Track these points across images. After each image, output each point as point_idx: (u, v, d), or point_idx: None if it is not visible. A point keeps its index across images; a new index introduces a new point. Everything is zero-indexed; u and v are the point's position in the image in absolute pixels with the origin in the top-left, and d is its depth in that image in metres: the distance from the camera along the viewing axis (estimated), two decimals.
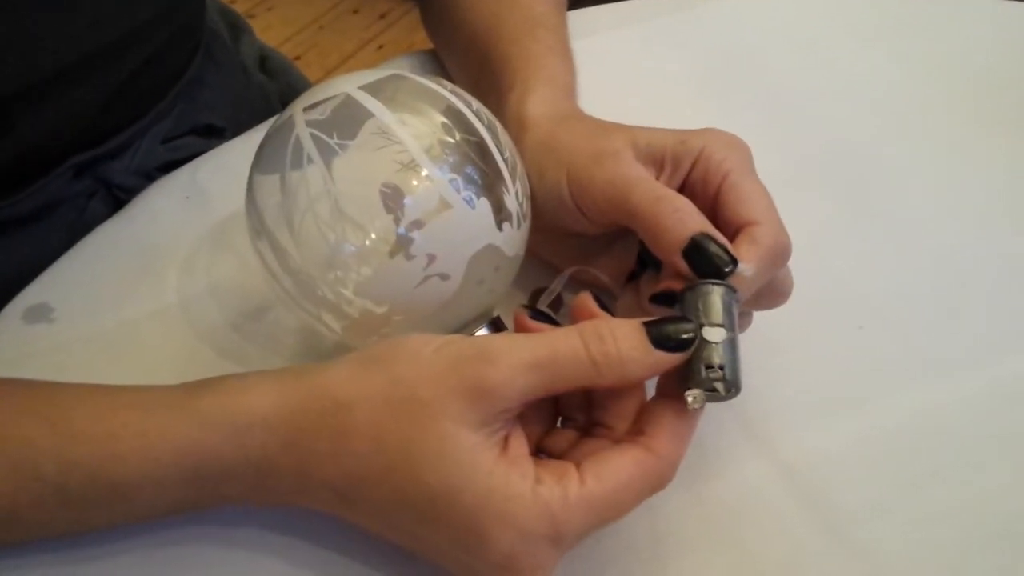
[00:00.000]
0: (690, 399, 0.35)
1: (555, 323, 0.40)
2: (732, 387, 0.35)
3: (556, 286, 0.46)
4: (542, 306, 0.47)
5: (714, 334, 0.35)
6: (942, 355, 0.47)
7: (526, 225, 0.42)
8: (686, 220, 0.38)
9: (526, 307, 0.46)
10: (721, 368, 0.35)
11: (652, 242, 0.39)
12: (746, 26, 0.67)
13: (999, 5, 0.68)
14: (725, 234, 0.38)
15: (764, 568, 0.39)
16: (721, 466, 0.42)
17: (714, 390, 0.35)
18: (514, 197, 0.40)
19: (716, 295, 0.36)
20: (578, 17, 0.57)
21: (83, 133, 0.56)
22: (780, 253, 0.39)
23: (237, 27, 0.73)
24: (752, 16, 0.68)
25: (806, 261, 0.43)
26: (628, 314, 0.43)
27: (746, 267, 0.37)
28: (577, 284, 0.47)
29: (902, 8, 0.68)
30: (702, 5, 0.68)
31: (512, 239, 0.41)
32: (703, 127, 0.42)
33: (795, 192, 0.54)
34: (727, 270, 0.37)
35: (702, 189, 0.41)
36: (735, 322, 0.36)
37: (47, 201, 0.56)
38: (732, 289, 0.37)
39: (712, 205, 0.40)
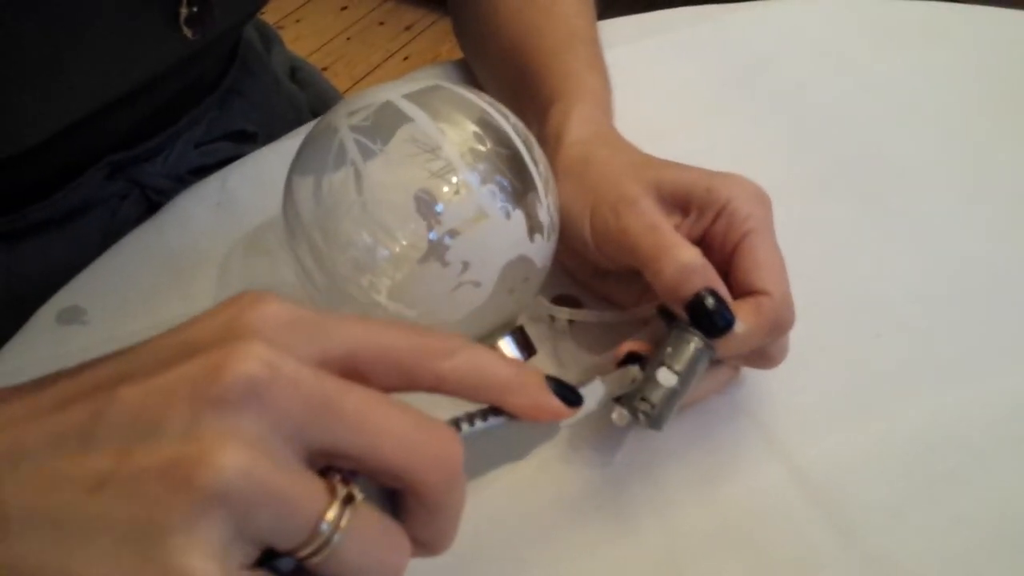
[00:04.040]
0: (615, 414, 0.38)
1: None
2: (654, 424, 0.38)
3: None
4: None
5: (666, 378, 0.38)
6: (959, 362, 0.47)
7: (555, 237, 0.43)
8: (691, 276, 0.39)
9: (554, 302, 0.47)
10: (653, 406, 0.37)
11: (659, 293, 0.40)
12: (766, 36, 0.67)
13: (1018, 14, 0.68)
14: (733, 293, 0.39)
15: (779, 573, 0.39)
16: (737, 471, 0.43)
17: (637, 419, 0.37)
18: (546, 210, 0.41)
19: (691, 346, 0.38)
20: (602, 28, 0.57)
21: (119, 140, 0.57)
22: (779, 327, 0.40)
23: (268, 38, 0.75)
24: (772, 26, 0.68)
25: (824, 268, 0.43)
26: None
27: (740, 325, 0.38)
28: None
29: (921, 16, 0.68)
30: (722, 16, 0.68)
31: (542, 250, 0.41)
32: (723, 171, 0.42)
33: (813, 200, 0.54)
34: (723, 328, 0.38)
35: (721, 242, 0.41)
36: (692, 376, 0.38)
37: (81, 202, 0.57)
38: (710, 348, 0.38)
39: (729, 259, 0.41)
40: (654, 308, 0.42)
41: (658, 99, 0.62)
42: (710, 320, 0.38)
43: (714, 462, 0.43)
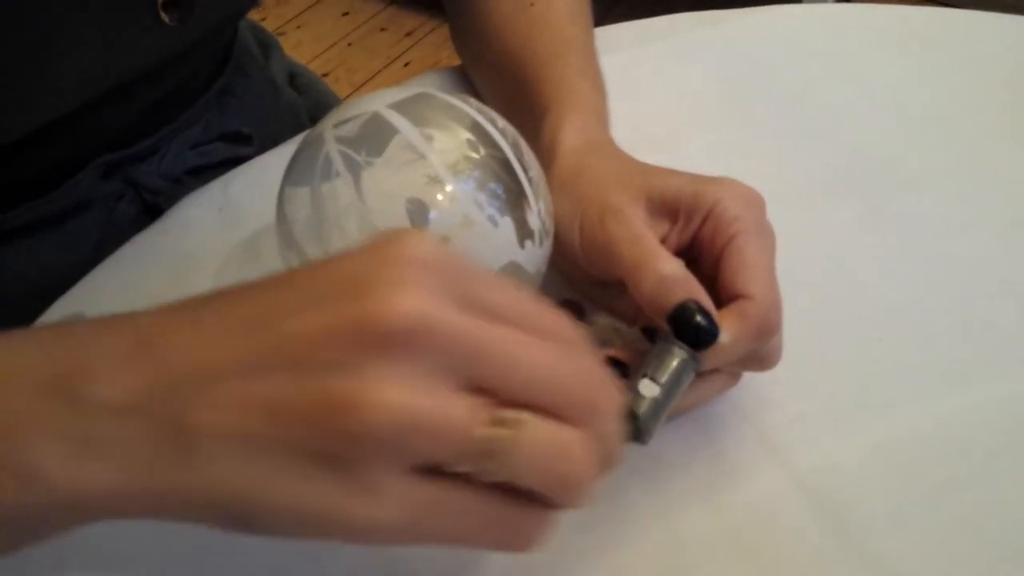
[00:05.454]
0: None
1: None
2: (639, 438, 0.37)
3: None
4: None
5: (648, 389, 0.37)
6: (960, 366, 0.47)
7: (548, 242, 0.43)
8: (671, 288, 0.38)
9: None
10: (636, 418, 0.37)
11: (641, 305, 0.39)
12: (768, 42, 0.67)
13: (1018, 20, 0.68)
14: (720, 297, 0.39)
15: None
16: (738, 476, 0.43)
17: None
18: (536, 215, 0.41)
19: (675, 359, 0.37)
20: (602, 34, 0.58)
21: (113, 139, 0.57)
22: (765, 331, 0.39)
23: (267, 45, 0.75)
24: (773, 32, 0.68)
25: (825, 273, 0.43)
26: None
27: (725, 335, 0.38)
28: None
29: (922, 22, 0.69)
30: (724, 21, 0.68)
31: (534, 256, 0.41)
32: (722, 175, 0.42)
33: (815, 204, 0.54)
34: (706, 341, 0.38)
35: (709, 246, 0.41)
36: (676, 388, 0.38)
37: (77, 202, 0.57)
38: (695, 360, 0.38)
39: (717, 262, 0.40)
40: (637, 329, 0.41)
41: (659, 104, 0.62)
42: (693, 333, 0.37)
43: (715, 468, 0.43)
